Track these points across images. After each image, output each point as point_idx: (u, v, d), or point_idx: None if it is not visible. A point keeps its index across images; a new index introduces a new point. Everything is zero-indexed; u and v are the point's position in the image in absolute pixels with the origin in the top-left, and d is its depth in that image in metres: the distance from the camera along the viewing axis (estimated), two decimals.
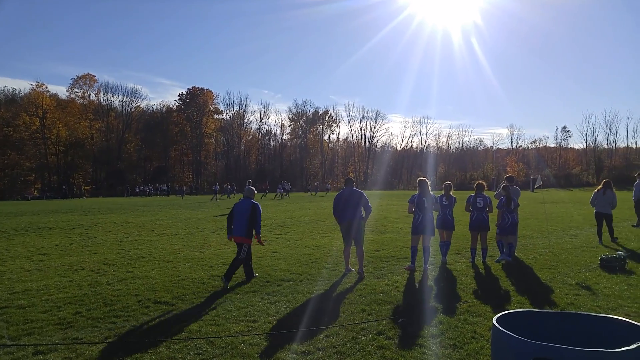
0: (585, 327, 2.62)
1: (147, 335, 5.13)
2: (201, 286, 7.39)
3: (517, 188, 10.35)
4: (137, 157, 79.21)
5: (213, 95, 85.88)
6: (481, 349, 4.54)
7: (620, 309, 5.83)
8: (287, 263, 9.18)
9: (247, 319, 5.68)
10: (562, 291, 6.78)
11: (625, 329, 2.46)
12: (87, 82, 76.11)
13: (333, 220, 18.11)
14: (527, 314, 2.82)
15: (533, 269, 8.48)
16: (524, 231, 13.14)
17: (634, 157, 74.90)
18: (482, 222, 9.25)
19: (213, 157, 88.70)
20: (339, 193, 8.87)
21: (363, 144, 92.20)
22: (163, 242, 12.53)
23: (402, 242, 11.67)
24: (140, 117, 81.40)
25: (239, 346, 4.74)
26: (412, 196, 8.95)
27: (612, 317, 2.64)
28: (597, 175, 71.82)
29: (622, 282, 7.24)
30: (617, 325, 2.54)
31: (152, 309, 6.18)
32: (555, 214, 19.92)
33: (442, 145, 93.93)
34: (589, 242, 11.48)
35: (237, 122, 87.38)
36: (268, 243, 11.97)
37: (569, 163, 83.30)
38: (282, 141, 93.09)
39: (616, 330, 2.49)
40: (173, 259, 9.95)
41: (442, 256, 9.33)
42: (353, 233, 8.40)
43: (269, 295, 6.79)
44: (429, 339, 4.88)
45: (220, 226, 16.49)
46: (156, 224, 17.60)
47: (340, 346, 4.72)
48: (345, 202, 8.52)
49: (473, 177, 64.62)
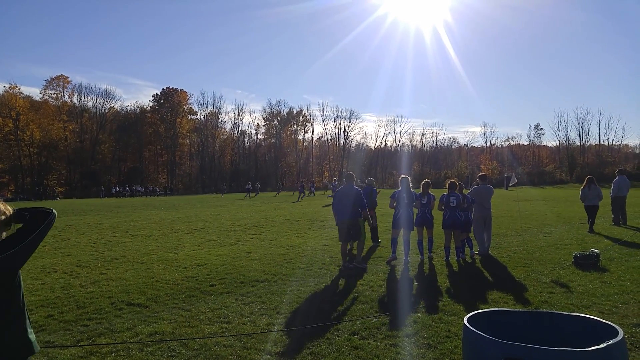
0: (556, 326, 2.61)
1: (120, 338, 5.02)
2: (175, 287, 7.25)
3: (490, 187, 10.44)
4: (111, 158, 78.41)
5: (187, 96, 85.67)
6: (455, 348, 4.52)
7: (594, 307, 5.88)
8: (262, 263, 9.07)
9: (221, 320, 5.60)
10: (536, 289, 6.84)
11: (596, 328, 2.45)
12: (61, 83, 75.44)
13: (308, 219, 18.31)
14: (498, 313, 2.79)
15: (507, 267, 8.54)
16: (498, 229, 13.29)
17: (606, 154, 76.53)
18: (455, 220, 9.30)
19: (187, 158, 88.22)
20: (339, 189, 9.25)
21: (337, 143, 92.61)
22: (137, 244, 12.30)
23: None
24: (114, 118, 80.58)
25: (213, 348, 4.67)
26: (394, 192, 9.55)
27: (582, 316, 2.63)
28: (570, 173, 73.37)
29: (595, 280, 7.32)
30: (588, 323, 2.52)
31: (126, 311, 6.06)
32: (529, 211, 20.22)
33: (416, 144, 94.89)
34: (563, 240, 11.66)
35: (211, 122, 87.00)
36: (242, 243, 11.86)
37: (542, 161, 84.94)
38: (257, 141, 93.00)
39: (587, 329, 2.47)
40: (147, 260, 9.76)
41: (420, 255, 9.36)
42: (350, 231, 8.74)
43: (243, 296, 6.70)
44: (403, 339, 4.85)
45: (194, 227, 16.29)
46: (130, 225, 17.30)
47: (315, 347, 4.66)
48: (343, 200, 8.79)
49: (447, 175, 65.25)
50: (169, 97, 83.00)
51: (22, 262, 2.48)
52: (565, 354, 2.02)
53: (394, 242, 9.22)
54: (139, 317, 5.78)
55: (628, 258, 9.07)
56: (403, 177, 9.62)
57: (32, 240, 2.45)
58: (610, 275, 7.66)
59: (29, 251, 2.46)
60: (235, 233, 14.27)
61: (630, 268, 8.14)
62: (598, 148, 79.28)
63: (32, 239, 2.44)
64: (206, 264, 9.15)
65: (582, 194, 13.97)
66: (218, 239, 12.96)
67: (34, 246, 2.48)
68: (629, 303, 6.05)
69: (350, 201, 8.68)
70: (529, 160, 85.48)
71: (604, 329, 2.38)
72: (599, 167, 65.21)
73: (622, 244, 10.78)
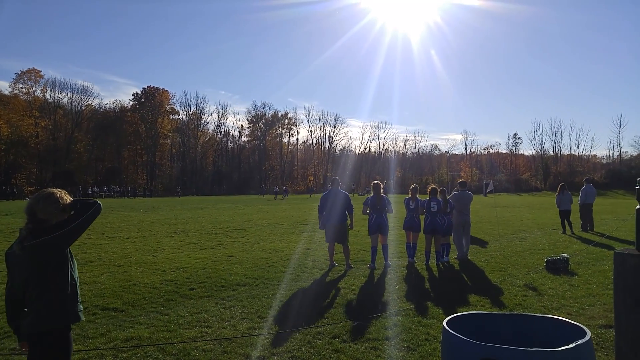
0: (529, 328, 2.76)
1: (93, 344, 4.89)
2: (153, 291, 7.18)
3: (469, 193, 10.68)
4: (87, 158, 76.06)
5: (169, 95, 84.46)
6: (434, 350, 4.63)
7: (563, 309, 6.11)
8: (243, 267, 9.08)
9: (201, 324, 5.57)
10: (511, 292, 7.03)
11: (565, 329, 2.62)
12: (32, 77, 71.67)
13: (291, 223, 18.34)
14: (475, 316, 2.92)
15: (484, 271, 8.74)
16: (476, 234, 13.54)
17: (577, 164, 78.81)
18: (436, 225, 9.48)
19: (168, 159, 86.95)
20: (325, 193, 9.41)
21: (322, 148, 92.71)
22: (113, 246, 12.14)
23: (359, 244, 11.77)
24: (92, 116, 78.21)
25: (192, 352, 4.63)
26: (367, 199, 9.60)
27: (554, 318, 2.78)
28: (544, 181, 75.12)
29: (565, 283, 7.58)
30: (559, 325, 2.68)
31: (100, 315, 5.93)
32: (506, 218, 20.63)
33: (399, 150, 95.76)
34: (537, 245, 11.96)
35: (193, 123, 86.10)
36: (223, 247, 11.85)
37: (519, 169, 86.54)
38: (241, 143, 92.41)
39: (557, 330, 2.64)
40: (124, 263, 9.65)
41: (409, 257, 9.56)
42: (338, 234, 8.99)
43: (224, 300, 6.69)
44: (383, 342, 4.94)
45: (174, 229, 16.19)
46: (107, 227, 17.03)
47: (296, 350, 4.70)
48: (331, 204, 9.01)
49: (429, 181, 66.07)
50: (150, 96, 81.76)
51: (67, 243, 2.96)
52: (537, 354, 2.15)
53: (373, 250, 9.23)
54: (114, 322, 5.66)
55: (595, 262, 9.41)
56: (375, 182, 9.79)
57: (77, 226, 2.93)
58: (579, 278, 7.95)
59: (73, 235, 2.96)
60: (217, 236, 14.23)
61: (597, 272, 8.45)
62: (569, 158, 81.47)
63: (76, 224, 2.93)
64: (186, 267, 9.10)
65: (557, 199, 15.44)
66: (199, 242, 12.90)
67: (79, 231, 2.98)
68: (595, 305, 6.30)
69: (339, 205, 8.96)
70: (507, 167, 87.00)
71: (573, 330, 2.55)
72: (570, 175, 66.95)
73: (590, 248, 11.11)
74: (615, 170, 69.05)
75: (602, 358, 4.41)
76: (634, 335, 2.95)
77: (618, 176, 64.10)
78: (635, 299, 2.93)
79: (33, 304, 2.90)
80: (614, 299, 3.18)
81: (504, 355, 2.13)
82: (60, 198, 3.02)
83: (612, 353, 4.52)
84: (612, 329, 5.18)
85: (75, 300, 3.06)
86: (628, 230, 14.81)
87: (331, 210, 9.02)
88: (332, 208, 9.02)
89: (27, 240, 2.83)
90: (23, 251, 2.83)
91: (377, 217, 9.24)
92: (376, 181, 9.93)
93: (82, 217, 2.95)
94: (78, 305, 3.10)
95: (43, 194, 3.02)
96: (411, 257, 9.53)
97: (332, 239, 9.08)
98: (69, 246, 3.00)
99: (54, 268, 2.92)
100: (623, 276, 3.04)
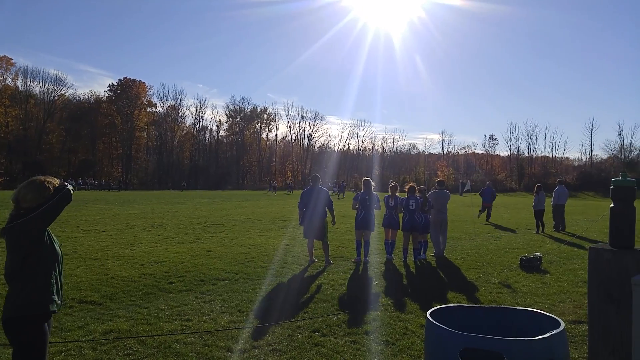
0: (508, 320, 2.88)
1: (71, 337, 4.83)
2: (132, 284, 7.12)
3: (447, 192, 10.87)
4: (60, 149, 74.25)
5: (146, 88, 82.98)
6: (412, 344, 4.73)
7: (535, 305, 6.29)
8: (222, 262, 9.07)
9: (181, 317, 5.56)
10: (486, 289, 7.21)
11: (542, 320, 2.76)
12: (3, 65, 69.27)
13: (270, 219, 18.32)
14: (457, 308, 3.04)
15: (460, 269, 8.92)
16: (452, 233, 13.76)
17: (551, 166, 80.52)
18: (414, 223, 9.63)
19: (144, 152, 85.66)
20: (306, 190, 9.52)
21: (301, 144, 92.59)
22: (90, 239, 11.95)
23: (338, 241, 11.87)
24: (65, 107, 76.19)
25: (172, 345, 4.63)
26: (357, 194, 9.79)
27: (530, 310, 2.92)
28: (519, 182, 76.56)
29: (537, 281, 7.81)
30: (535, 317, 2.82)
31: (77, 309, 5.85)
32: (482, 217, 20.96)
33: (378, 149, 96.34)
34: (511, 244, 12.24)
35: (171, 116, 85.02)
36: (202, 242, 11.80)
37: (495, 169, 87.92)
38: (218, 137, 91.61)
39: (534, 322, 2.77)
40: (101, 256, 9.53)
41: (387, 254, 9.69)
42: (317, 231, 9.07)
43: (203, 294, 6.68)
44: (363, 336, 5.01)
45: (151, 223, 16.03)
46: (82, 220, 16.75)
47: (276, 344, 4.73)
48: (313, 201, 9.12)
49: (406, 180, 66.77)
50: (127, 88, 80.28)
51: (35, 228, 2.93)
52: (515, 342, 2.26)
53: (358, 244, 9.46)
54: (92, 315, 5.61)
55: (566, 261, 9.71)
56: (366, 179, 9.94)
57: (43, 211, 2.92)
58: (550, 276, 8.19)
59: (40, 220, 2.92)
60: (195, 231, 14.14)
61: (567, 270, 8.73)
62: (543, 160, 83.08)
63: (43, 209, 2.92)
64: (164, 261, 9.04)
65: (535, 200, 15.81)
66: (176, 236, 12.81)
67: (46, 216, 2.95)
68: (566, 302, 6.54)
69: (319, 202, 9.10)
70: (483, 168, 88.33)
71: (548, 321, 2.69)
72: (544, 177, 68.25)
73: (562, 247, 11.44)
74: (587, 173, 70.82)
75: (573, 352, 4.58)
76: (606, 327, 3.09)
77: (589, 178, 65.82)
78: (608, 292, 3.07)
79: (9, 290, 2.96)
80: (588, 293, 3.32)
81: (485, 344, 2.24)
82: (43, 185, 3.02)
83: (582, 347, 4.71)
84: (582, 324, 5.40)
85: (48, 290, 3.02)
86: (598, 231, 15.28)
87: (311, 206, 9.12)
88: (312, 205, 9.13)
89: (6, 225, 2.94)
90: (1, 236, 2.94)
91: (366, 213, 9.39)
92: (366, 178, 10.08)
93: (49, 202, 2.95)
94: (53, 297, 3.04)
95: (27, 180, 3.07)
96: (389, 254, 9.66)
97: (311, 235, 9.17)
98: (40, 231, 2.98)
99: (28, 254, 2.92)
100: (597, 271, 3.17)
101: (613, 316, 3.02)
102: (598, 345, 3.13)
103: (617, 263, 3.08)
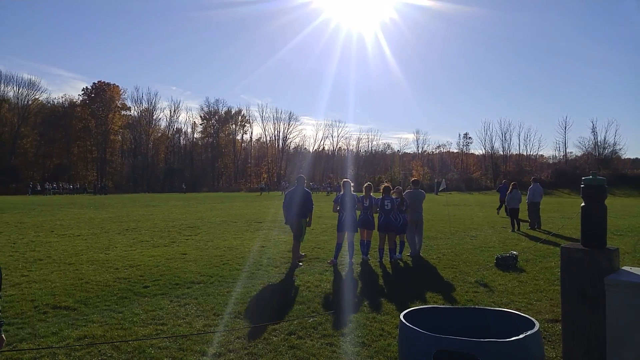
0: (482, 320, 2.86)
1: (45, 343, 4.75)
2: (106, 289, 6.98)
3: (422, 191, 10.92)
4: (34, 154, 73.14)
5: (120, 91, 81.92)
6: (389, 345, 4.71)
7: (512, 304, 6.34)
8: (197, 265, 8.93)
9: (156, 322, 5.47)
10: (462, 289, 7.24)
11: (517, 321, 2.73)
12: None
13: (245, 221, 18.18)
14: (431, 310, 3.00)
15: (437, 268, 8.96)
16: (428, 232, 13.85)
17: (525, 164, 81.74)
18: (390, 223, 9.64)
19: (119, 155, 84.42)
20: (291, 190, 9.56)
21: (276, 145, 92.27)
22: (64, 244, 11.68)
23: (314, 242, 11.82)
24: (39, 111, 75.17)
25: (147, 350, 4.56)
26: (337, 196, 9.82)
27: (505, 310, 2.90)
28: (494, 180, 77.63)
29: (514, 280, 7.87)
30: (509, 317, 2.80)
31: (51, 314, 5.75)
32: (457, 216, 21.20)
33: (353, 149, 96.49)
34: (487, 243, 12.36)
35: (145, 119, 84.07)
36: (177, 245, 11.61)
37: (470, 168, 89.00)
38: (193, 140, 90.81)
39: (509, 322, 2.75)
40: (75, 261, 9.32)
41: (362, 255, 9.67)
42: (295, 230, 9.16)
43: (178, 297, 6.58)
44: (339, 338, 4.98)
45: (126, 227, 15.72)
46: (56, 224, 16.38)
47: (252, 347, 4.68)
48: (295, 201, 9.20)
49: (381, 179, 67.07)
50: (101, 91, 79.27)
51: None
52: (489, 344, 2.23)
53: (338, 247, 9.44)
54: (66, 320, 5.51)
55: (542, 259, 9.81)
56: (345, 180, 9.90)
57: None
58: (527, 275, 8.26)
59: None
60: (169, 234, 13.92)
61: (544, 269, 8.81)
62: (518, 158, 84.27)
63: None
64: (139, 265, 8.88)
65: (508, 197, 16.11)
66: (151, 239, 12.59)
67: None
68: (542, 300, 6.58)
69: (299, 202, 9.13)
70: (458, 167, 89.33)
71: (522, 322, 2.67)
72: (518, 175, 69.21)
73: (538, 245, 11.59)
74: (561, 170, 71.99)
75: (549, 351, 4.61)
76: (579, 325, 3.10)
77: (564, 176, 66.85)
78: (580, 291, 3.08)
79: None
80: (561, 292, 3.32)
81: (458, 346, 2.21)
82: None
83: (559, 347, 4.73)
84: (559, 323, 5.43)
85: None
86: (573, 228, 15.47)
87: (291, 207, 9.21)
88: (292, 205, 9.20)
89: None
90: None
91: (348, 215, 9.39)
92: (346, 179, 10.05)
93: None
94: None
95: None
96: (365, 255, 9.64)
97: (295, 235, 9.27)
98: None
99: None
100: (569, 270, 3.18)
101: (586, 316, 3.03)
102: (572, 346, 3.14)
103: (589, 263, 3.08)
